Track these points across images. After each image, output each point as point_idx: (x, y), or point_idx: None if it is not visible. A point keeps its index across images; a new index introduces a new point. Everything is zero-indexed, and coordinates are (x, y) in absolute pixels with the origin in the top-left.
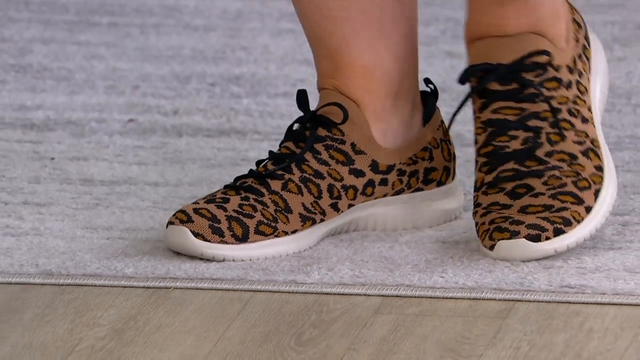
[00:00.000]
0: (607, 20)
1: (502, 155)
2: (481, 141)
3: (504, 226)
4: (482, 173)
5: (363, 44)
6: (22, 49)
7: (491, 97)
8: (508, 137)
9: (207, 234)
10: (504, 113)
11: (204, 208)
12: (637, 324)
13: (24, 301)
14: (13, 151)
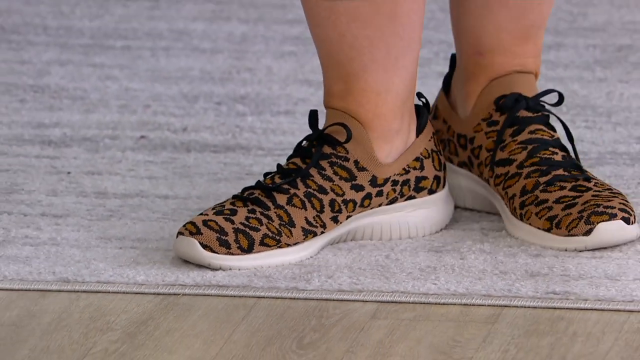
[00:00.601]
0: (589, 44)
1: (553, 162)
2: (523, 157)
3: (599, 210)
4: (532, 178)
5: (379, 70)
6: (40, 70)
7: (524, 123)
8: (550, 152)
9: (215, 245)
10: (541, 134)
11: (212, 220)
12: (617, 329)
13: (42, 307)
14: (32, 166)
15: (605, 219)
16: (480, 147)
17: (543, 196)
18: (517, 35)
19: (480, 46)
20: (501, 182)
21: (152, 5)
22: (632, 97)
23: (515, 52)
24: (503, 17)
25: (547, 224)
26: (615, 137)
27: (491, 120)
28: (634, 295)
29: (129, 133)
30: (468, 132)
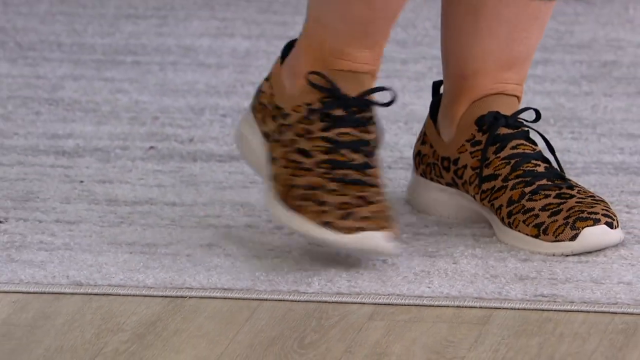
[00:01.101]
0: (575, 59)
1: (536, 173)
2: (507, 171)
3: (584, 216)
4: (517, 190)
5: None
6: (54, 85)
7: (505, 139)
8: (533, 164)
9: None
10: (522, 148)
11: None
12: (602, 329)
13: (56, 309)
14: (46, 175)
15: (590, 224)
16: (465, 167)
17: (529, 205)
18: (501, 64)
19: (465, 70)
20: (487, 196)
21: (161, 22)
22: (615, 110)
23: (497, 77)
24: (490, 45)
25: (534, 231)
26: (600, 148)
27: (474, 141)
28: (617, 297)
29: (138, 144)
30: (452, 154)
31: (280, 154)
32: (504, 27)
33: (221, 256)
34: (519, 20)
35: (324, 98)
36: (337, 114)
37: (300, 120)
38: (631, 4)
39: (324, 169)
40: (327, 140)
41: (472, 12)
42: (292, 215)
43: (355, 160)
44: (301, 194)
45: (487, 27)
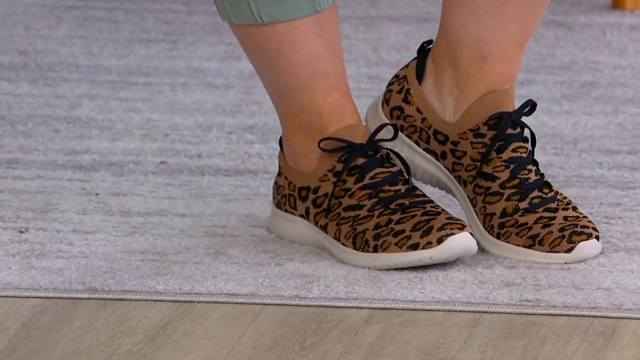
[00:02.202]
0: (557, 80)
1: (529, 185)
2: (506, 176)
3: (578, 230)
4: (512, 202)
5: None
6: (72, 103)
7: (508, 140)
8: (527, 170)
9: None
10: (520, 152)
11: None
12: (583, 332)
13: (73, 313)
14: (64, 188)
15: (584, 239)
16: (465, 153)
17: (522, 220)
18: (519, 43)
19: (487, 51)
20: (482, 193)
21: (171, 46)
22: (595, 127)
23: (514, 61)
24: (514, 26)
25: (528, 242)
26: (580, 163)
27: (478, 132)
28: (597, 302)
29: (150, 159)
30: (451, 134)
31: (331, 218)
32: (528, 11)
33: (227, 264)
34: (538, 2)
35: (341, 157)
36: (360, 163)
37: (334, 185)
38: (608, 29)
39: (379, 209)
40: (367, 187)
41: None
42: (374, 256)
43: (400, 190)
44: (373, 235)
45: (513, 12)
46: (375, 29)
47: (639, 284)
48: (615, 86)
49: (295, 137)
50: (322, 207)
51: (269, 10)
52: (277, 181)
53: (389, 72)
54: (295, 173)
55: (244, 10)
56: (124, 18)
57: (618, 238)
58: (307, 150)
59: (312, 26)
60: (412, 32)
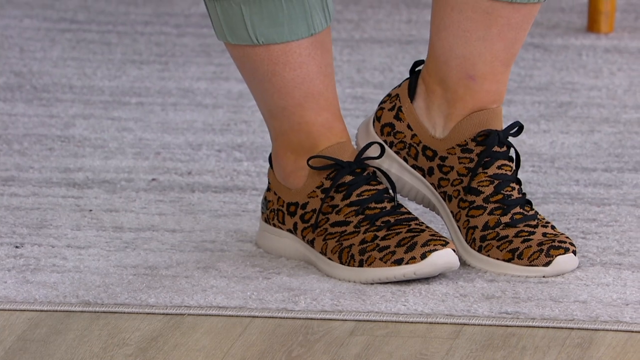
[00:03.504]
0: (535, 100)
1: (511, 201)
2: (489, 191)
3: (556, 244)
4: (494, 215)
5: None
6: (66, 123)
7: (494, 157)
8: (510, 187)
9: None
10: (505, 170)
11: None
12: (560, 343)
13: (67, 325)
14: (59, 205)
15: (562, 252)
16: (452, 168)
17: (503, 233)
18: (505, 63)
19: (474, 71)
20: (466, 207)
21: (162, 67)
22: (571, 146)
23: (500, 80)
24: (499, 47)
25: (508, 255)
26: (557, 180)
27: (466, 148)
28: (574, 314)
29: (142, 176)
30: (439, 149)
31: (318, 233)
32: (512, 31)
33: (216, 277)
34: (523, 23)
35: (329, 175)
36: (347, 180)
37: (322, 201)
38: (584, 51)
39: (365, 226)
40: (354, 204)
41: (485, 19)
42: (360, 270)
43: (385, 208)
44: (359, 250)
45: (498, 33)
46: (359, 51)
47: (614, 297)
48: (591, 106)
49: (285, 155)
50: (309, 222)
51: (265, 32)
52: (266, 196)
53: (373, 92)
54: (284, 189)
55: (241, 32)
56: (117, 40)
57: (594, 253)
58: (296, 168)
59: (307, 48)
60: (395, 54)
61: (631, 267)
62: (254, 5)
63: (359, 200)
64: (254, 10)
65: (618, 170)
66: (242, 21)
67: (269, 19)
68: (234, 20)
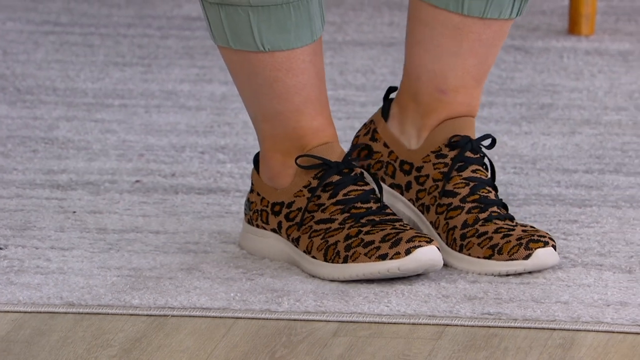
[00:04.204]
0: (516, 102)
1: (489, 200)
2: (466, 192)
3: (535, 238)
4: (472, 214)
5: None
6: (50, 125)
7: (468, 162)
8: (487, 190)
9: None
10: (480, 174)
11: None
12: (542, 344)
13: (51, 326)
14: (42, 206)
15: (541, 246)
16: (428, 176)
17: (483, 229)
18: (476, 78)
19: (445, 85)
20: (443, 211)
21: (146, 70)
22: (552, 147)
23: (472, 95)
24: (470, 62)
25: (488, 252)
26: (539, 181)
27: (440, 154)
28: (555, 315)
29: (125, 178)
30: (416, 160)
31: (303, 231)
32: (484, 48)
33: (200, 279)
34: (494, 39)
35: (316, 174)
36: (335, 180)
37: (308, 200)
38: (565, 53)
39: (349, 223)
40: (340, 203)
41: (456, 34)
42: (344, 267)
43: (371, 208)
44: (344, 246)
45: (469, 48)
46: (341, 53)
47: (595, 298)
48: (572, 108)
49: (273, 156)
50: (294, 220)
51: (272, 39)
52: (249, 198)
53: (355, 94)
54: (269, 189)
55: (246, 38)
56: (100, 42)
57: (575, 254)
58: (284, 168)
59: (309, 54)
60: (377, 56)
61: (612, 268)
62: (263, 12)
63: (345, 200)
64: (262, 17)
65: (599, 172)
66: (248, 27)
67: (276, 26)
68: (239, 26)
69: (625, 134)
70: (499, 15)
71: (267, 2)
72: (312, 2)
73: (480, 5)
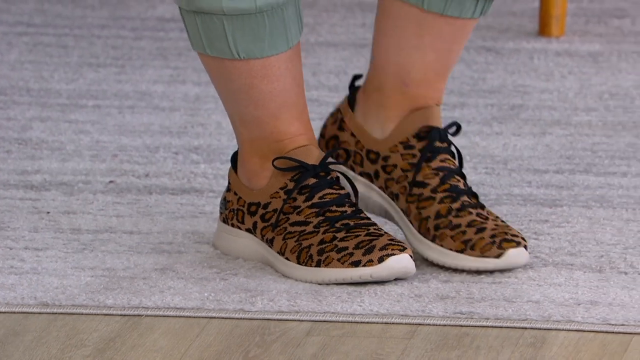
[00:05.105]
0: (487, 103)
1: (459, 189)
2: (436, 182)
3: (509, 238)
4: (444, 204)
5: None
6: (24, 125)
7: (437, 152)
8: (456, 179)
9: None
10: (449, 163)
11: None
12: (514, 343)
13: (25, 326)
14: (16, 207)
15: (514, 246)
16: (395, 166)
17: (456, 221)
18: (439, 73)
19: (408, 79)
20: (414, 201)
21: (119, 70)
22: (523, 148)
23: (436, 88)
24: (432, 57)
25: (461, 246)
26: (510, 182)
27: (408, 145)
28: (527, 314)
29: (99, 178)
30: (382, 150)
31: (277, 232)
32: (446, 43)
33: (174, 279)
34: (456, 36)
35: (293, 177)
36: (311, 183)
37: (284, 202)
38: (535, 55)
39: (325, 227)
40: (315, 206)
41: (417, 30)
42: (317, 270)
43: (346, 212)
44: (317, 250)
45: (430, 43)
46: (314, 54)
47: (566, 297)
48: (543, 109)
49: (251, 159)
50: (270, 221)
51: (246, 47)
52: (225, 196)
53: (328, 95)
54: (246, 189)
55: (221, 45)
56: (74, 43)
57: (546, 253)
58: (261, 170)
59: (285, 62)
60: (350, 58)
61: (583, 268)
62: (237, 21)
63: (321, 203)
64: (236, 26)
65: (569, 172)
66: (223, 35)
67: (251, 34)
68: (215, 34)
69: (595, 134)
70: (460, 14)
71: (240, 11)
72: (288, 11)
73: (440, 2)
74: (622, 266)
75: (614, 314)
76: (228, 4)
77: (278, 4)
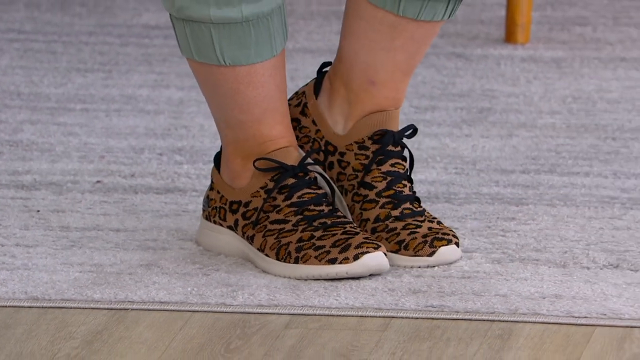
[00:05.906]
0: (457, 106)
1: (402, 197)
2: (382, 187)
3: (439, 236)
4: (385, 209)
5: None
6: (15, 128)
7: (388, 155)
8: (402, 184)
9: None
10: (398, 167)
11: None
12: (482, 335)
13: (16, 320)
14: (7, 206)
15: (445, 244)
16: (349, 164)
17: (392, 225)
18: (405, 72)
19: (375, 77)
20: (360, 201)
21: (106, 75)
22: (491, 149)
23: (399, 88)
24: (401, 57)
25: (395, 247)
26: (479, 181)
27: (363, 145)
28: (495, 307)
29: (87, 178)
30: (340, 145)
31: (258, 230)
32: (415, 44)
33: (158, 274)
34: (426, 38)
35: (273, 177)
36: (290, 183)
37: (264, 201)
38: (502, 60)
39: (303, 225)
40: (294, 205)
41: (390, 32)
42: (295, 267)
43: (323, 211)
44: (295, 248)
45: (402, 45)
46: (292, 60)
47: (532, 291)
48: (509, 112)
49: (235, 160)
50: (250, 219)
51: (232, 55)
52: (208, 194)
53: None
54: (228, 188)
55: (209, 52)
56: (62, 50)
57: (513, 249)
58: (244, 170)
59: (269, 69)
60: None
61: (548, 263)
62: (224, 29)
63: (299, 202)
64: (223, 34)
65: (535, 172)
66: (210, 43)
67: (237, 42)
68: (202, 41)
69: (559, 136)
70: (432, 18)
71: (227, 20)
72: (273, 20)
73: (415, 8)
74: (585, 261)
75: (577, 306)
76: (216, 13)
77: (264, 14)
